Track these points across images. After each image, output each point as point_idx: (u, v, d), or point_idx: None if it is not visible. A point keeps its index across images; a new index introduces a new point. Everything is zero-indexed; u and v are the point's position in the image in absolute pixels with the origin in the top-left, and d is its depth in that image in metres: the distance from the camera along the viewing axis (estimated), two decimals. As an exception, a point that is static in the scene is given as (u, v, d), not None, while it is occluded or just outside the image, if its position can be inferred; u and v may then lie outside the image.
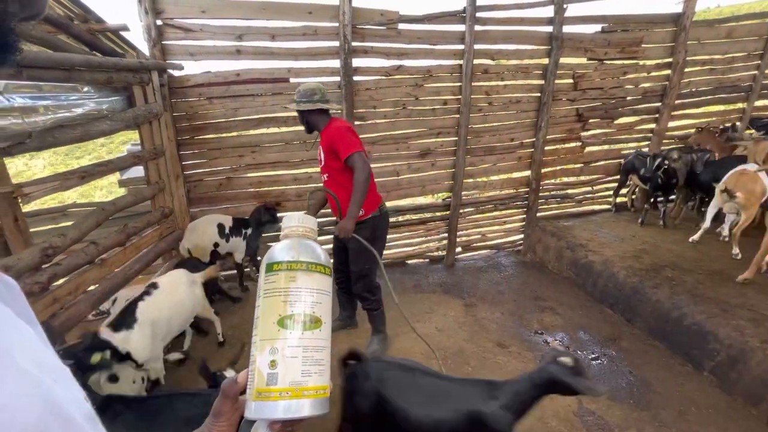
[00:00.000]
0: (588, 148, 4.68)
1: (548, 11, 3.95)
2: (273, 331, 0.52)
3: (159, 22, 3.17)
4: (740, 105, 5.05)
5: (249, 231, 3.59)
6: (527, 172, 4.54)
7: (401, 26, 3.65)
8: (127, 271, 2.78)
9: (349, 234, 2.43)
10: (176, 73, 3.38)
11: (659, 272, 3.32)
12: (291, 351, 0.51)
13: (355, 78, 3.67)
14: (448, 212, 4.38)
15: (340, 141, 2.37)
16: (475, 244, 4.75)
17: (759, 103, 5.17)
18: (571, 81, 4.30)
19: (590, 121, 4.52)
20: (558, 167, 4.67)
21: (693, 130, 4.83)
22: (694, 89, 4.80)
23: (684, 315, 2.84)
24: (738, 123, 5.00)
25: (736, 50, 4.74)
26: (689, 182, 4.09)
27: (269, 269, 0.56)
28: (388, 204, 4.18)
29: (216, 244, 3.35)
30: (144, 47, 3.19)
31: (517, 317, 3.45)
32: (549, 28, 3.99)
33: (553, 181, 4.86)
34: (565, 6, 3.90)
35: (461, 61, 3.86)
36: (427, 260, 4.63)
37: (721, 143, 4.43)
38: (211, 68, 3.48)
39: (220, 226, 3.39)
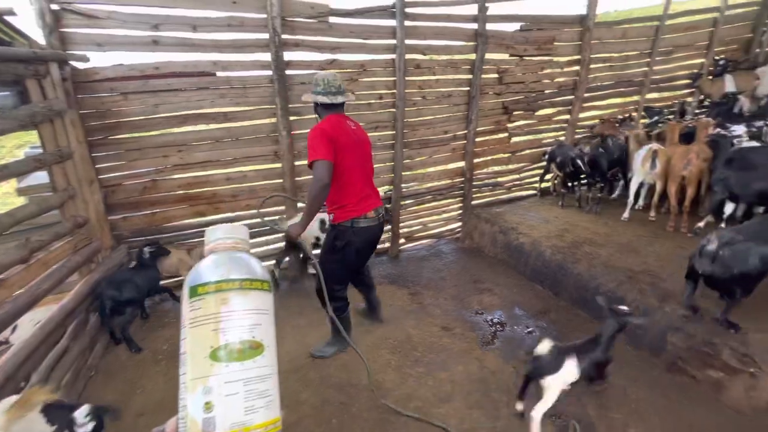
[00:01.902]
0: (514, 139, 5.04)
1: (472, 9, 4.16)
2: (205, 367, 0.44)
3: (55, 7, 2.80)
4: (635, 98, 5.77)
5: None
6: (461, 163, 4.77)
7: (333, 20, 3.61)
8: (34, 291, 2.44)
9: (292, 238, 2.44)
10: (81, 65, 3.01)
11: (579, 248, 3.71)
12: (229, 387, 0.44)
13: (288, 72, 3.56)
14: (389, 205, 4.46)
15: (309, 146, 2.25)
16: (417, 235, 4.90)
17: (650, 95, 5.94)
18: (496, 75, 4.59)
19: (515, 113, 4.87)
20: (489, 157, 4.97)
21: (597, 120, 5.43)
22: (599, 83, 5.38)
23: (600, 284, 3.21)
24: (634, 114, 5.72)
25: (630, 49, 5.39)
26: (611, 166, 4.55)
27: (193, 293, 0.47)
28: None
29: (317, 238, 3.62)
30: (40, 36, 2.80)
31: (458, 300, 3.64)
32: (474, 25, 4.21)
33: (485, 170, 5.17)
34: (486, 5, 4.13)
35: (394, 56, 3.92)
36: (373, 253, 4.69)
37: (620, 131, 5.03)
38: (124, 61, 3.16)
39: (322, 222, 3.63)
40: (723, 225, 3.42)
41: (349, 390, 2.57)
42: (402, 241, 4.77)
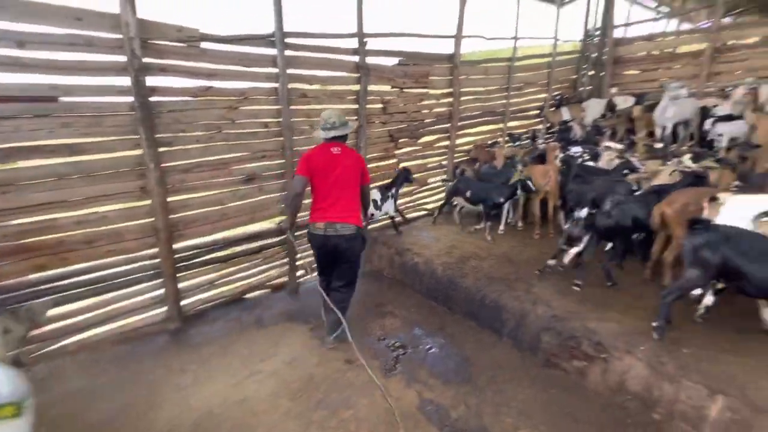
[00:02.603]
0: (402, 164, 5.33)
1: (353, 42, 4.35)
2: None
3: None
4: (500, 125, 6.68)
5: (393, 190, 4.70)
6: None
7: (207, 46, 3.38)
8: None
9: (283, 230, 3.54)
10: None
11: (466, 263, 4.02)
12: None
13: (154, 99, 3.19)
14: (282, 237, 4.26)
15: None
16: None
17: (511, 123, 6.93)
18: (381, 106, 4.83)
19: (401, 140, 5.17)
20: (381, 183, 5.14)
21: (471, 146, 6.12)
22: (469, 113, 6.08)
23: (485, 295, 3.51)
24: (500, 140, 6.60)
25: (492, 84, 6.25)
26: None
27: None
28: (216, 236, 3.83)
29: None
30: None
31: (362, 328, 3.59)
32: (356, 58, 4.39)
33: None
34: (365, 40, 4.36)
35: (277, 85, 3.84)
36: (269, 290, 4.39)
37: (489, 154, 5.74)
38: None
39: (374, 201, 4.34)
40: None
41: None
42: (302, 272, 4.58)
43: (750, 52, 6.27)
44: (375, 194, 4.44)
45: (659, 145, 5.37)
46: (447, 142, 5.82)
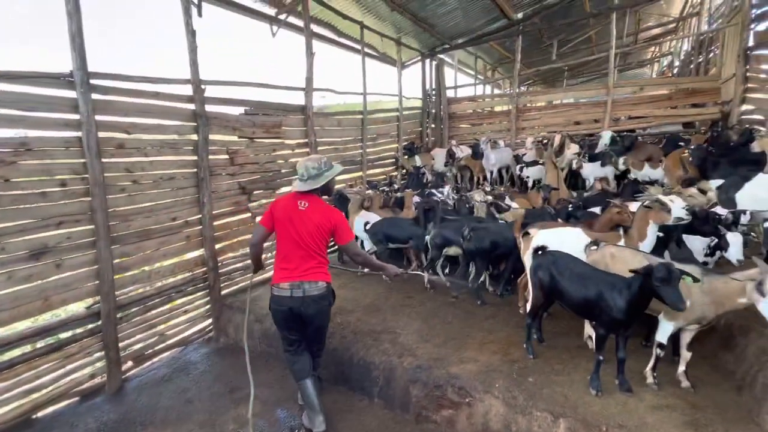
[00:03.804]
0: (258, 218, 4.90)
1: (187, 89, 3.91)
2: None
3: None
4: (360, 173, 6.89)
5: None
6: (200, 251, 4.17)
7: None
8: None
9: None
10: None
11: (332, 320, 3.73)
12: None
13: None
14: (99, 323, 3.31)
15: None
16: (152, 350, 3.82)
17: (370, 171, 7.24)
18: (227, 156, 4.40)
19: (254, 192, 4.77)
20: (234, 240, 4.60)
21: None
22: (328, 163, 6.10)
23: (352, 354, 3.27)
24: (360, 186, 6.78)
25: (347, 135, 6.47)
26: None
27: None
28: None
29: None
30: None
31: (210, 427, 2.91)
32: (192, 106, 3.94)
33: (232, 255, 4.74)
34: (203, 87, 3.97)
35: (80, 133, 3.10)
36: (77, 398, 3.28)
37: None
38: None
39: None
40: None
41: None
42: (128, 365, 3.60)
43: (540, 113, 8.10)
44: None
45: (488, 188, 6.28)
46: (307, 192, 5.65)
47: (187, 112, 3.93)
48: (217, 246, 4.31)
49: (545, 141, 6.95)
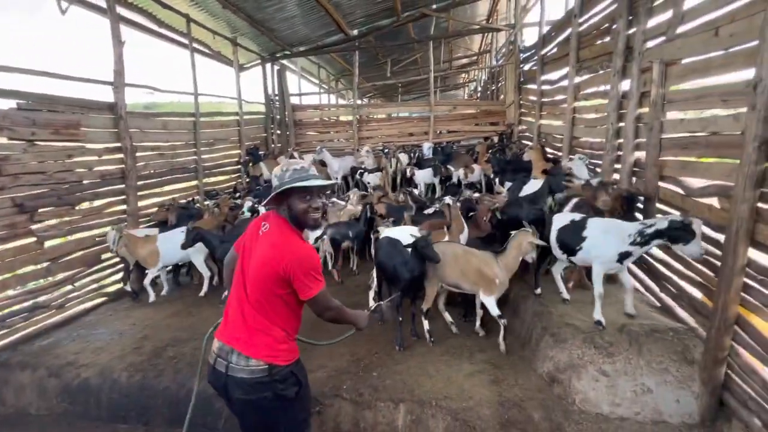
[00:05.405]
0: (49, 243, 3.84)
1: None
2: None
3: None
4: (194, 182, 6.15)
5: None
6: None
7: None
8: None
9: None
10: None
11: (161, 356, 3.22)
12: None
13: None
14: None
15: None
16: None
17: (207, 180, 6.54)
18: (-12, 165, 3.30)
19: (40, 211, 3.72)
20: (9, 274, 3.48)
21: (156, 208, 5.18)
22: (153, 171, 5.25)
23: (189, 390, 2.87)
24: (197, 197, 6.06)
25: (175, 140, 5.69)
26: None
27: None
28: None
29: None
30: None
31: None
32: None
33: (11, 292, 3.59)
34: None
35: None
36: None
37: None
38: None
39: None
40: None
41: None
42: None
43: (380, 124, 8.83)
44: None
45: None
46: (125, 206, 4.73)
47: None
48: (-21, 285, 3.19)
49: (386, 150, 7.57)
